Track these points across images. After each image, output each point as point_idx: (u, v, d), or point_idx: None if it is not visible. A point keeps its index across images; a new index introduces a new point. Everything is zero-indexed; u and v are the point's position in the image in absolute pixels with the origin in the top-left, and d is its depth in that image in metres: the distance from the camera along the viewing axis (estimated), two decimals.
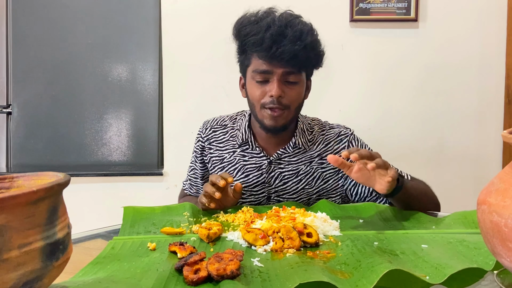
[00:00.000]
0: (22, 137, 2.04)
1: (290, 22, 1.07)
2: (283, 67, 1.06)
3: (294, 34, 1.04)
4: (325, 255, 0.71)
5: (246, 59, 1.12)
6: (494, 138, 1.88)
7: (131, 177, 1.96)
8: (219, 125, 1.26)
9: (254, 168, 1.17)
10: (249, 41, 1.07)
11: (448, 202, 1.93)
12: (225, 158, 1.21)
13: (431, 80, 1.89)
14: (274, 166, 1.17)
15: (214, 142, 1.24)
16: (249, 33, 1.07)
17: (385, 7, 1.83)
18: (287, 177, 1.16)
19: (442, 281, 0.58)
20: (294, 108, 1.11)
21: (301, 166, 1.17)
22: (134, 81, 2.05)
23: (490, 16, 1.86)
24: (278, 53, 1.03)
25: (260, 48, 1.05)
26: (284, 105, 1.08)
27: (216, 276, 0.59)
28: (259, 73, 1.08)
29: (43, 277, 0.48)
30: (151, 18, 2.02)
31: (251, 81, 1.11)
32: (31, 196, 0.46)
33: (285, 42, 1.03)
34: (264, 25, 1.06)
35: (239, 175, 1.18)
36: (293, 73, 1.08)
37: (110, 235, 0.90)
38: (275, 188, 1.17)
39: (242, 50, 1.13)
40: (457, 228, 0.85)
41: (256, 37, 1.05)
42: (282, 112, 1.09)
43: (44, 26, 2.03)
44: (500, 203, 0.52)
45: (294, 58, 1.04)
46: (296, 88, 1.10)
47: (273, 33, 1.04)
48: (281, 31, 1.04)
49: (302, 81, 1.12)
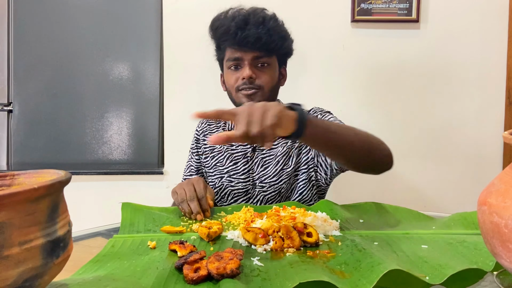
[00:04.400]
0: (23, 135, 2.04)
1: (253, 12, 1.18)
2: (251, 51, 1.15)
3: (257, 20, 1.15)
4: (325, 255, 0.71)
5: (221, 53, 1.23)
6: (494, 139, 1.88)
7: (132, 175, 1.96)
8: (214, 119, 1.35)
9: (241, 156, 1.25)
10: (219, 32, 1.19)
11: (448, 203, 1.94)
12: (216, 148, 1.29)
13: (432, 80, 1.89)
14: (257, 152, 1.24)
15: (208, 133, 1.33)
16: (219, 26, 1.19)
17: (387, 8, 1.83)
18: (267, 162, 1.22)
19: (442, 281, 0.58)
20: (267, 89, 1.18)
21: (279, 148, 1.23)
22: (135, 80, 2.05)
23: (491, 17, 1.85)
24: (243, 37, 1.13)
25: (228, 36, 1.16)
26: (257, 86, 1.16)
27: (216, 275, 0.59)
28: (231, 61, 1.18)
29: (43, 274, 0.48)
30: (153, 17, 2.02)
31: (227, 71, 1.21)
32: (32, 193, 0.46)
33: (249, 27, 1.14)
34: (230, 16, 1.18)
35: (228, 163, 1.25)
36: (262, 57, 1.17)
37: (110, 233, 0.90)
38: (258, 174, 1.22)
39: (217, 45, 1.24)
40: (457, 229, 0.85)
41: (223, 28, 1.17)
42: (255, 91, 1.16)
43: (46, 24, 2.03)
44: (500, 204, 0.52)
45: (258, 41, 1.13)
46: (267, 71, 1.18)
47: (237, 22, 1.15)
48: (244, 18, 1.15)
49: (273, 65, 1.20)
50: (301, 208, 0.95)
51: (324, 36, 1.88)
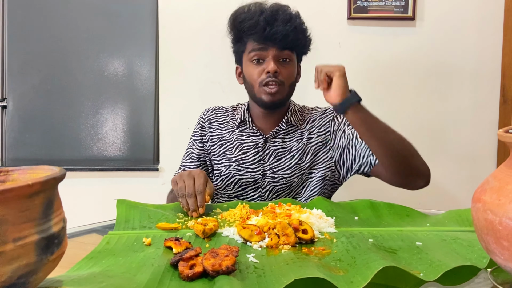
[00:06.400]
0: (17, 131, 2.02)
1: (281, 8, 1.20)
2: (277, 46, 1.17)
3: (285, 17, 1.17)
4: (320, 252, 0.71)
5: (242, 45, 1.23)
6: (489, 137, 1.89)
7: (127, 172, 1.96)
8: (221, 110, 1.36)
9: (251, 146, 1.26)
10: (245, 26, 1.18)
11: (443, 200, 1.95)
12: (224, 137, 1.30)
13: (427, 78, 1.89)
14: (269, 144, 1.25)
15: (215, 122, 1.33)
16: (244, 19, 1.19)
17: (383, 5, 1.83)
18: (280, 154, 1.24)
19: (436, 278, 0.59)
20: (288, 85, 1.21)
21: (294, 143, 1.25)
22: (130, 76, 2.04)
23: (486, 16, 1.86)
24: (271, 33, 1.15)
25: (255, 30, 1.16)
26: (280, 81, 1.18)
27: (212, 271, 0.59)
28: (256, 52, 1.18)
29: (37, 271, 0.48)
30: (148, 13, 2.01)
31: (248, 64, 1.21)
32: (27, 189, 0.45)
33: (278, 23, 1.15)
34: (257, 11, 1.19)
35: (237, 152, 1.26)
36: (286, 52, 1.19)
37: (105, 230, 0.89)
38: (269, 165, 1.24)
39: (238, 38, 1.23)
40: (452, 226, 0.85)
41: (251, 21, 1.17)
42: (278, 88, 1.18)
43: (40, 20, 2.01)
44: (494, 201, 0.52)
45: (286, 37, 1.16)
46: (289, 67, 1.21)
47: (266, 17, 1.16)
48: (273, 14, 1.17)
49: (294, 61, 1.23)
50: (296, 205, 0.95)
51: (320, 33, 1.86)
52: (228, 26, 1.24)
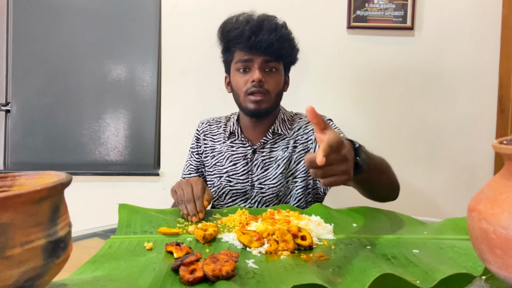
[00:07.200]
0: (20, 135, 2.04)
1: (266, 18, 1.21)
2: (262, 55, 1.17)
3: (270, 27, 1.18)
4: (319, 258, 0.72)
5: (230, 55, 1.24)
6: (486, 146, 1.90)
7: (128, 176, 1.97)
8: (214, 121, 1.38)
9: (241, 157, 1.27)
10: (232, 35, 1.20)
11: (440, 209, 1.96)
12: (216, 148, 1.31)
13: (425, 87, 1.91)
14: (257, 154, 1.26)
15: (209, 134, 1.35)
16: (231, 29, 1.20)
17: (382, 15, 1.85)
18: (268, 164, 1.25)
19: (432, 285, 0.59)
20: (274, 94, 1.21)
21: (279, 152, 1.25)
22: (132, 82, 2.05)
23: (484, 26, 1.88)
24: (256, 41, 1.15)
25: (241, 40, 1.17)
26: (265, 90, 1.18)
27: (212, 276, 0.60)
28: (241, 62, 1.20)
29: (44, 274, 0.49)
30: (151, 20, 2.03)
31: (235, 73, 1.22)
32: (35, 195, 0.47)
33: (263, 32, 1.16)
34: (243, 21, 1.20)
35: (228, 164, 1.28)
36: (272, 61, 1.19)
37: (107, 234, 0.91)
38: (257, 176, 1.24)
39: (226, 47, 1.25)
40: (448, 234, 0.86)
41: (237, 31, 1.18)
42: (263, 97, 1.18)
43: (44, 25, 2.03)
44: (489, 211, 0.53)
45: (271, 46, 1.16)
46: (275, 76, 1.21)
47: (251, 26, 1.17)
48: (258, 24, 1.18)
49: (280, 71, 1.23)
50: (295, 212, 0.96)
51: (320, 42, 1.90)
52: (217, 36, 1.26)
